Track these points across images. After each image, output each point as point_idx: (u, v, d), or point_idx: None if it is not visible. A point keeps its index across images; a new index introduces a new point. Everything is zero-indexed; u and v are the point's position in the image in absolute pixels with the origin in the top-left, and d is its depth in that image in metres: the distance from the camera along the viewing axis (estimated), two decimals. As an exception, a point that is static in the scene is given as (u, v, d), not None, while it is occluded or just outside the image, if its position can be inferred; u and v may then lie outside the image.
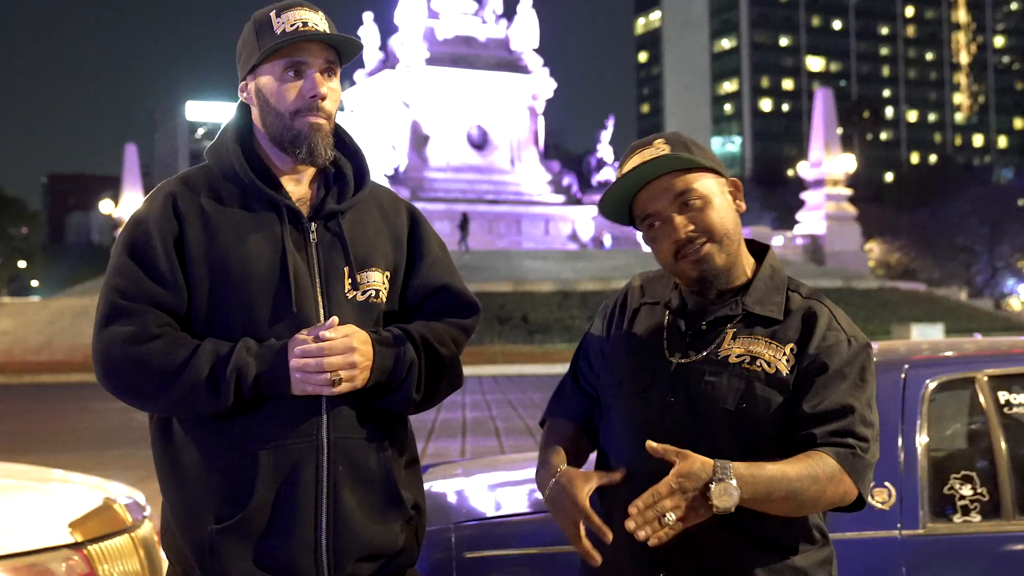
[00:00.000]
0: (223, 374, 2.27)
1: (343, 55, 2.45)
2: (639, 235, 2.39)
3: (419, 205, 44.28)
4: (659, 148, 2.28)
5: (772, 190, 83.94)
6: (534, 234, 54.76)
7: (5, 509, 3.58)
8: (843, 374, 2.22)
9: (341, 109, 2.59)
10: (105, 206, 71.14)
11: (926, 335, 37.14)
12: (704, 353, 2.27)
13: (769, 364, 2.22)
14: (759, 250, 2.41)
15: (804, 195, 61.87)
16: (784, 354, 2.23)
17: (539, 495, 3.74)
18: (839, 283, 49.16)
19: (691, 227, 2.25)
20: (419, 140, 53.67)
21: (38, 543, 3.28)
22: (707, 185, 2.28)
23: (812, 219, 60.49)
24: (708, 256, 2.26)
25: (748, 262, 2.36)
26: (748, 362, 2.23)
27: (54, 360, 35.96)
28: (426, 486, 4.01)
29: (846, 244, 59.48)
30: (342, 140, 2.53)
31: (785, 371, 2.21)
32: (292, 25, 2.36)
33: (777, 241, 60.00)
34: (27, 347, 39.52)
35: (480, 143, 54.99)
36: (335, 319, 2.32)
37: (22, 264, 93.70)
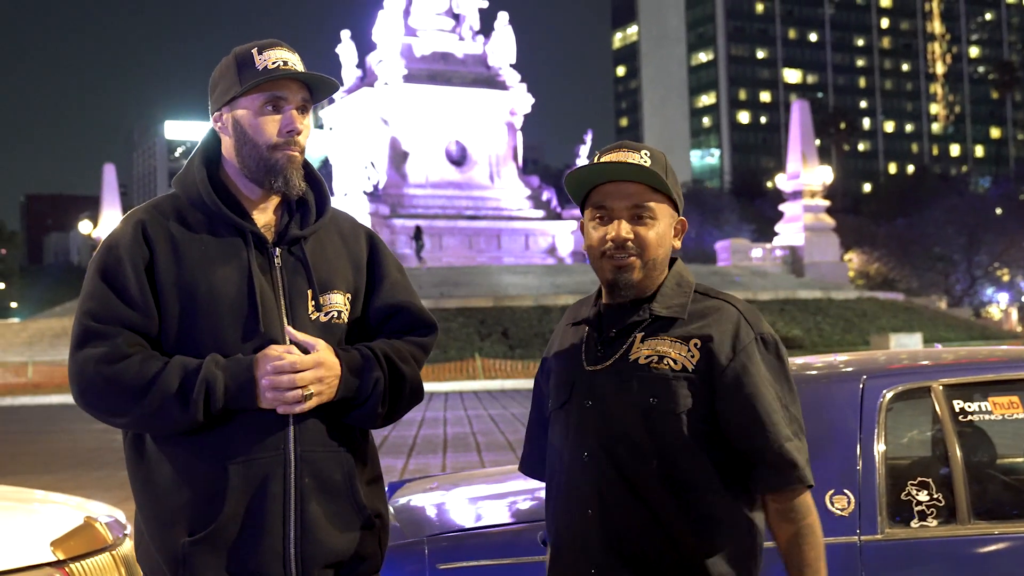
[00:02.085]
0: (192, 387, 2.37)
1: (316, 93, 2.57)
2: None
3: (399, 222, 43.79)
4: (644, 158, 2.41)
5: (751, 202, 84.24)
6: (514, 249, 54.87)
7: (-13, 529, 3.64)
8: (764, 380, 2.37)
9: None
10: (84, 226, 70.91)
11: (904, 345, 37.40)
12: (614, 359, 2.41)
13: (675, 361, 2.36)
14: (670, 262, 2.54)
15: (782, 207, 62.16)
16: (688, 350, 2.37)
17: (514, 507, 3.84)
18: (818, 294, 49.44)
19: (631, 237, 2.39)
20: (398, 157, 53.74)
21: (20, 562, 3.34)
22: (663, 212, 2.43)
23: (791, 231, 60.78)
24: (629, 267, 2.40)
25: (662, 278, 2.48)
26: (656, 361, 2.37)
27: (33, 382, 35.84)
28: (402, 500, 4.11)
29: (825, 255, 59.78)
30: (305, 170, 2.63)
31: (691, 366, 2.35)
32: (274, 63, 2.49)
33: (756, 253, 60.24)
34: (6, 368, 39.35)
35: (459, 159, 55.10)
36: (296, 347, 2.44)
37: (0, 286, 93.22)
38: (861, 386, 3.46)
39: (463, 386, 31.79)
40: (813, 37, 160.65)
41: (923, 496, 3.36)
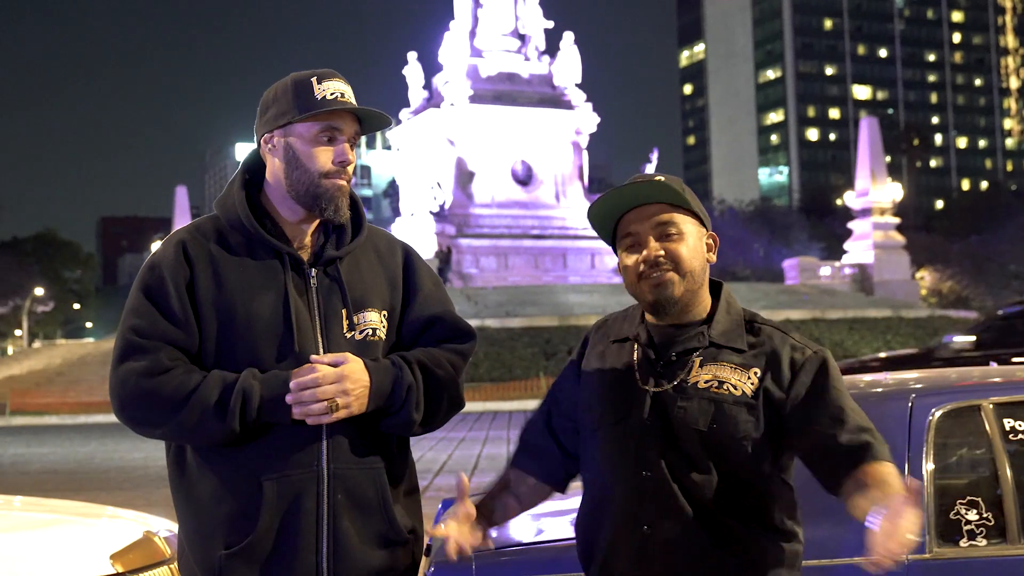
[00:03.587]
0: (229, 398, 2.44)
1: (364, 126, 2.66)
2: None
3: (465, 241, 43.74)
4: (658, 179, 2.45)
5: (820, 220, 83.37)
6: (580, 268, 54.80)
7: (51, 542, 3.75)
8: (833, 388, 2.42)
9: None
10: (156, 248, 72.13)
11: (977, 364, 36.71)
12: (675, 381, 2.43)
13: (735, 387, 2.39)
14: (715, 287, 2.57)
15: (851, 224, 61.38)
16: (748, 377, 2.40)
17: (564, 523, 3.86)
18: (888, 312, 48.74)
19: (661, 252, 2.41)
20: (464, 177, 53.97)
21: (81, 573, 3.44)
22: (688, 226, 2.46)
23: (860, 248, 59.97)
24: (668, 283, 2.41)
25: (707, 300, 2.52)
26: (716, 386, 2.40)
27: (107, 400, 36.47)
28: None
29: (895, 273, 58.91)
30: None
31: (750, 392, 2.38)
32: (332, 94, 2.56)
33: (825, 271, 59.56)
34: (81, 388, 40.09)
35: (525, 179, 55.18)
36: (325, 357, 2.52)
37: (76, 306, 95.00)
38: (910, 404, 3.45)
39: (528, 405, 31.79)
40: (883, 53, 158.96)
41: (972, 515, 3.34)
